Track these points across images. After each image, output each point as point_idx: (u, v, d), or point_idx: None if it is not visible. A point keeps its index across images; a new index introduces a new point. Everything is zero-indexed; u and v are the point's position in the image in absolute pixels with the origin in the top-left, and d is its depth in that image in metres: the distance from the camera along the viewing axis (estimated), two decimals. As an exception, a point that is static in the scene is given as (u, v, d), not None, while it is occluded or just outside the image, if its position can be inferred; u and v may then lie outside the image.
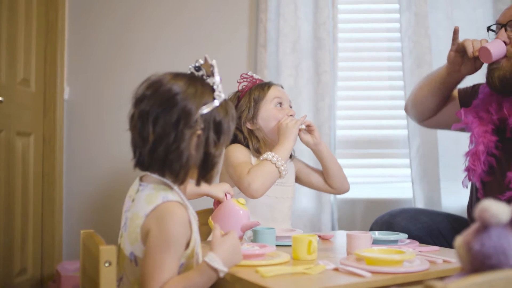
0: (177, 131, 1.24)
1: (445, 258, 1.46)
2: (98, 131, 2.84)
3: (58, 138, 2.78)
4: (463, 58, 1.91)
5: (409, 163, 2.69)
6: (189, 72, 1.37)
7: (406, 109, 2.29)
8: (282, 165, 1.81)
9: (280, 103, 2.00)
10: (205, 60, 1.33)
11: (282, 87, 2.08)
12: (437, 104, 2.08)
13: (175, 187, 1.31)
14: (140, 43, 2.84)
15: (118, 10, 2.85)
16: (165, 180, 1.31)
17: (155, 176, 1.32)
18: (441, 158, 2.64)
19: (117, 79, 2.84)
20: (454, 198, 2.62)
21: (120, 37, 2.85)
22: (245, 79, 2.05)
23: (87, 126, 2.85)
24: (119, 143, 2.80)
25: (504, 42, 1.82)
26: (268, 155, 1.82)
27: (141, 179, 1.36)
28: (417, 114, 2.20)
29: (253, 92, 2.00)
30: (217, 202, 1.72)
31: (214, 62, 1.32)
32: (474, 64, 1.90)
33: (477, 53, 1.83)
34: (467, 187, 1.96)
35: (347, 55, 2.82)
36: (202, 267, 1.22)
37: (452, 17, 2.72)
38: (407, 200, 2.74)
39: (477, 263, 0.92)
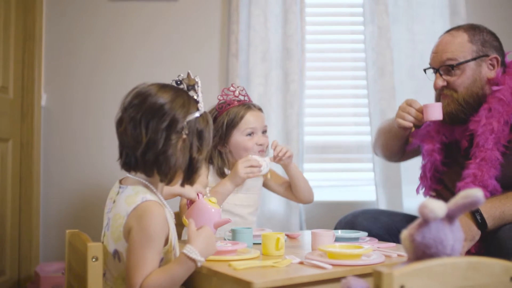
0: (166, 135, 1.37)
1: (399, 253, 1.62)
2: (74, 136, 2.93)
3: (36, 143, 2.85)
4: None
5: (373, 168, 2.85)
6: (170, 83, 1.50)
7: (374, 152, 2.47)
8: None
9: (252, 133, 2.08)
10: (188, 75, 1.47)
11: (260, 109, 2.14)
12: (399, 147, 2.25)
13: (153, 188, 1.44)
14: (116, 52, 2.94)
15: (95, 19, 2.95)
16: (144, 181, 1.44)
17: (135, 178, 1.44)
18: (402, 163, 2.81)
19: (93, 87, 2.93)
20: (414, 200, 2.78)
21: (97, 46, 2.94)
22: (226, 96, 2.11)
23: (64, 132, 2.93)
24: (95, 148, 2.91)
25: (443, 86, 1.99)
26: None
27: (120, 182, 1.48)
28: (386, 158, 2.39)
29: (228, 116, 2.07)
30: (190, 202, 1.83)
31: (198, 79, 1.47)
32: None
33: (424, 121, 1.99)
34: (419, 193, 2.15)
35: (314, 65, 2.97)
36: (181, 259, 1.35)
37: (412, 30, 2.90)
38: (371, 202, 2.90)
39: (419, 252, 1.08)
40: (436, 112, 1.94)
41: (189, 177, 1.45)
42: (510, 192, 1.83)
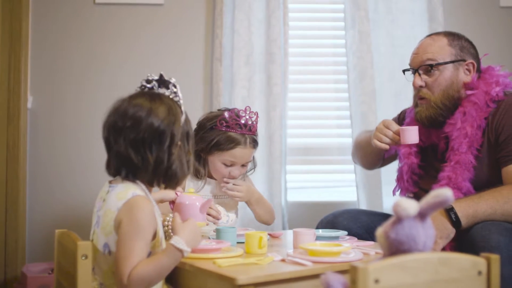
0: (169, 152, 1.47)
1: (377, 250, 1.69)
2: (60, 138, 2.95)
3: (22, 145, 2.88)
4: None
5: (354, 169, 2.92)
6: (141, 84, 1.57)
7: (353, 161, 2.54)
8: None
9: (231, 165, 2.15)
10: (160, 76, 1.53)
11: (254, 146, 2.18)
12: (378, 160, 2.34)
13: (143, 186, 1.50)
14: (102, 55, 2.98)
15: (81, 23, 2.98)
16: (135, 179, 1.50)
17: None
18: (382, 164, 2.89)
19: (79, 89, 2.96)
20: (394, 200, 2.86)
21: (83, 49, 2.97)
22: (232, 117, 2.12)
23: (50, 134, 2.96)
24: (80, 150, 2.94)
25: (421, 86, 2.06)
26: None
27: (110, 182, 1.54)
28: (366, 168, 2.49)
29: (220, 137, 2.12)
30: (172, 203, 1.89)
31: (173, 80, 1.53)
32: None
33: (400, 143, 2.05)
34: (395, 195, 2.23)
35: (297, 68, 3.04)
36: (169, 249, 1.41)
37: (392, 35, 2.98)
38: (352, 203, 2.97)
39: (393, 249, 1.14)
40: (412, 136, 2.00)
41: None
42: (483, 192, 1.90)
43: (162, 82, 1.53)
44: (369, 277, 1.06)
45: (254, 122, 2.17)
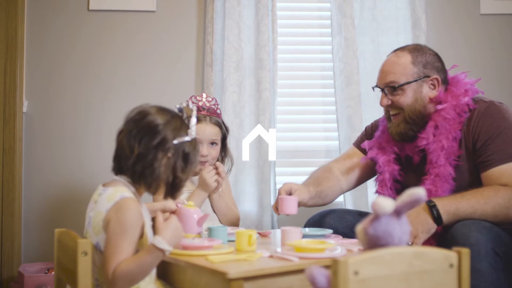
0: (155, 152, 1.55)
1: (360, 247, 1.78)
2: (55, 141, 3.03)
3: (18, 148, 2.95)
4: None
5: (340, 171, 3.01)
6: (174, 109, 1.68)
7: None
8: None
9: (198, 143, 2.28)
10: (187, 104, 1.66)
11: (216, 123, 2.33)
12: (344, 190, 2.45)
13: (132, 188, 1.59)
14: (96, 60, 3.05)
15: (76, 29, 3.05)
16: (128, 183, 1.59)
17: (121, 180, 1.59)
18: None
19: (72, 94, 3.04)
20: (378, 201, 2.96)
21: (77, 54, 3.05)
22: (191, 102, 2.26)
23: (45, 138, 3.03)
24: (74, 153, 3.02)
25: (387, 104, 2.16)
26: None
27: (103, 185, 1.63)
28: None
29: None
30: (172, 213, 1.97)
31: (194, 108, 1.65)
32: None
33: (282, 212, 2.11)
34: None
35: (285, 74, 3.13)
36: (150, 249, 1.49)
37: (377, 41, 3.08)
38: (339, 203, 3.04)
39: (372, 243, 1.24)
40: (290, 207, 2.07)
41: (172, 193, 1.64)
42: (466, 192, 1.98)
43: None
44: (349, 269, 1.15)
45: (213, 107, 2.34)
